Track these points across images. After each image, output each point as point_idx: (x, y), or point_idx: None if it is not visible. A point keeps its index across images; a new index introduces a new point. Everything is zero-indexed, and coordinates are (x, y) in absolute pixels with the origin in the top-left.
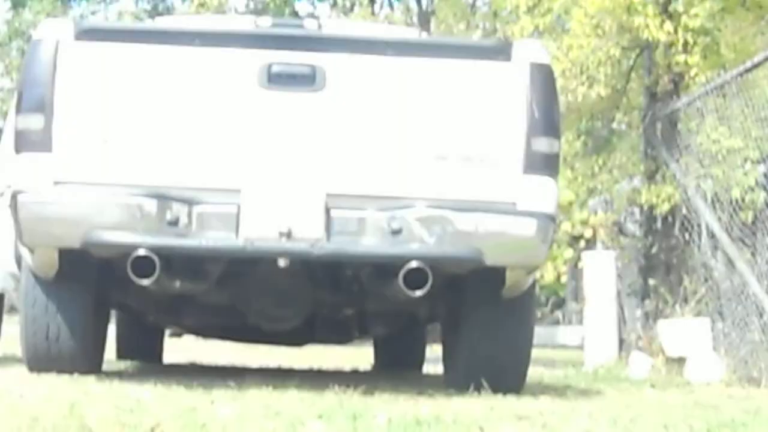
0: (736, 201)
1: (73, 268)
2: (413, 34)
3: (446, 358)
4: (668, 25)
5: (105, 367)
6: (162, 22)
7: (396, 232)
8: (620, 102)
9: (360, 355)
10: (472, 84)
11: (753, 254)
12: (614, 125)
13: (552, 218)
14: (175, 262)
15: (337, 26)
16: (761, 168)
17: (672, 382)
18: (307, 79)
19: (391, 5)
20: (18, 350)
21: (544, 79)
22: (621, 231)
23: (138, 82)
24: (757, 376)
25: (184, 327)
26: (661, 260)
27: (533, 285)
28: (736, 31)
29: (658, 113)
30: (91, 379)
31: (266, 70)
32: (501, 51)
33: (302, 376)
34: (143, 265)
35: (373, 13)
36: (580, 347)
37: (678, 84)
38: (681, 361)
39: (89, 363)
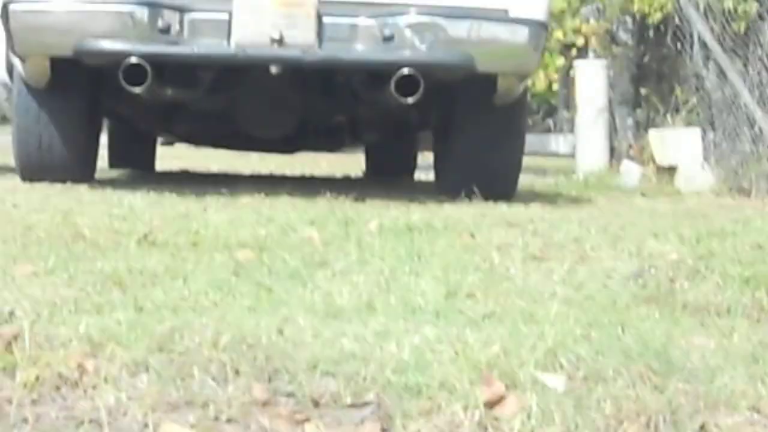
0: (729, 11)
1: (65, 76)
2: None
3: (438, 166)
4: None
5: (97, 175)
6: None
7: (388, 39)
8: None
9: (351, 163)
10: None
11: (745, 65)
12: None
13: (544, 25)
14: (167, 69)
15: None
16: None
17: (662, 191)
18: None
19: None
20: (11, 160)
21: None
22: (613, 39)
23: None
24: (747, 187)
25: (176, 135)
26: (653, 69)
27: (524, 92)
28: None
29: None
30: (83, 188)
31: None
32: None
33: (294, 183)
34: (135, 73)
35: None
36: (572, 155)
37: None
38: (672, 170)
39: (82, 171)
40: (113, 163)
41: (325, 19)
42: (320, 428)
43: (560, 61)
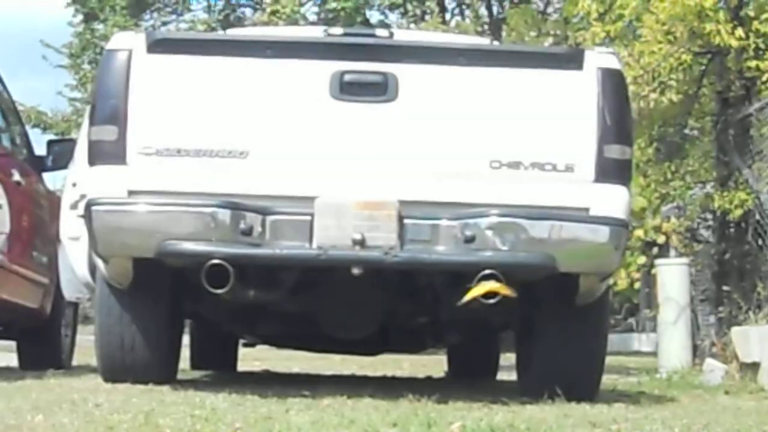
0: None
1: (147, 277)
2: (484, 42)
3: (520, 366)
4: (739, 31)
5: (179, 376)
6: (233, 33)
7: (469, 240)
8: (692, 108)
9: (434, 363)
10: (544, 92)
11: None
12: (686, 131)
13: (625, 224)
14: (250, 271)
15: (408, 35)
16: None
17: (746, 389)
18: (380, 88)
19: (462, 14)
20: (93, 360)
21: (616, 85)
22: (694, 237)
23: (210, 93)
24: None
25: (257, 336)
26: (735, 266)
27: (606, 292)
28: None
29: (730, 119)
30: (165, 389)
31: (338, 79)
32: (572, 59)
33: (376, 384)
34: (217, 275)
35: (443, 22)
36: (654, 354)
37: (750, 89)
38: (755, 367)
39: (164, 372)
40: (195, 364)
41: (407, 221)
42: None
43: (642, 259)
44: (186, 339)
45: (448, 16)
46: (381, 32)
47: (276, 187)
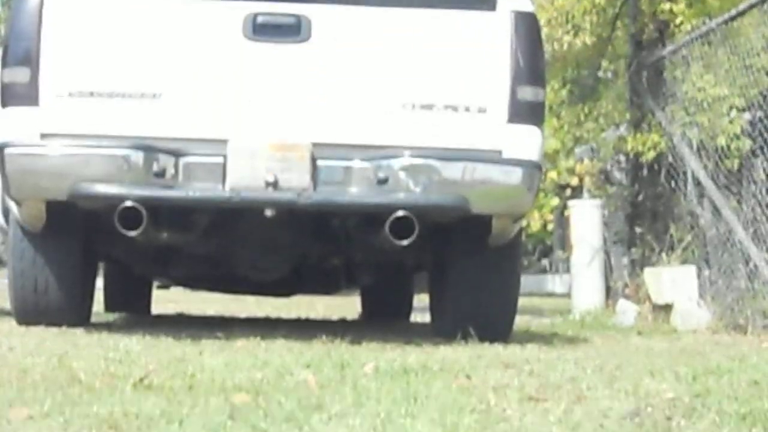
0: (722, 149)
1: (60, 220)
2: None
3: (433, 307)
4: None
5: (93, 319)
6: None
7: (382, 182)
8: (605, 50)
9: (348, 305)
10: (457, 33)
11: (739, 202)
12: (600, 74)
13: (538, 166)
14: (162, 213)
15: None
16: (746, 116)
17: (658, 330)
18: (293, 29)
19: None
20: (7, 303)
21: (529, 27)
22: (607, 179)
23: (123, 35)
24: (743, 324)
25: (171, 278)
26: (648, 208)
27: (519, 233)
28: None
29: (643, 61)
30: (79, 331)
31: (251, 20)
32: (486, 0)
33: (290, 326)
34: (130, 217)
35: None
36: (567, 295)
37: (663, 32)
38: (667, 308)
39: (78, 315)
40: (109, 306)
41: (320, 163)
42: None
43: (555, 201)
44: (100, 281)
45: None
46: None
47: (189, 129)
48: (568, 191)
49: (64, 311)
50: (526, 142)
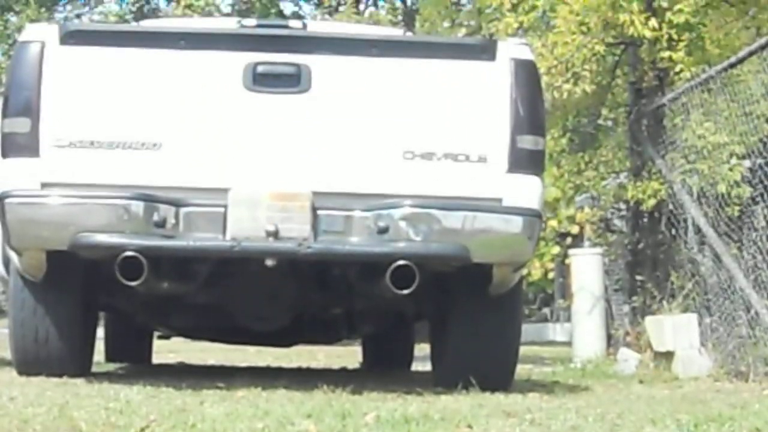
0: (722, 196)
1: (61, 270)
2: (397, 33)
3: (434, 356)
4: (653, 22)
5: (94, 369)
6: (147, 25)
7: (383, 231)
8: (605, 99)
9: (349, 354)
10: (457, 83)
11: (739, 249)
12: (600, 122)
13: (538, 215)
14: (163, 263)
15: (322, 26)
16: (747, 163)
17: (660, 378)
18: (293, 80)
19: (375, 4)
20: (8, 353)
21: (529, 76)
22: (608, 227)
23: (124, 85)
24: (745, 371)
25: (172, 328)
26: (648, 256)
27: (520, 282)
28: (720, 26)
29: (643, 109)
30: (80, 381)
31: (252, 70)
32: (485, 50)
33: (291, 375)
34: (131, 267)
35: (358, 12)
36: (568, 344)
37: (663, 80)
38: (669, 356)
39: (78, 365)
40: (110, 356)
41: (320, 212)
42: None
43: (555, 249)
44: (100, 331)
45: (362, 6)
46: (294, 23)
47: (189, 179)
48: (569, 240)
49: (64, 361)
50: (527, 190)
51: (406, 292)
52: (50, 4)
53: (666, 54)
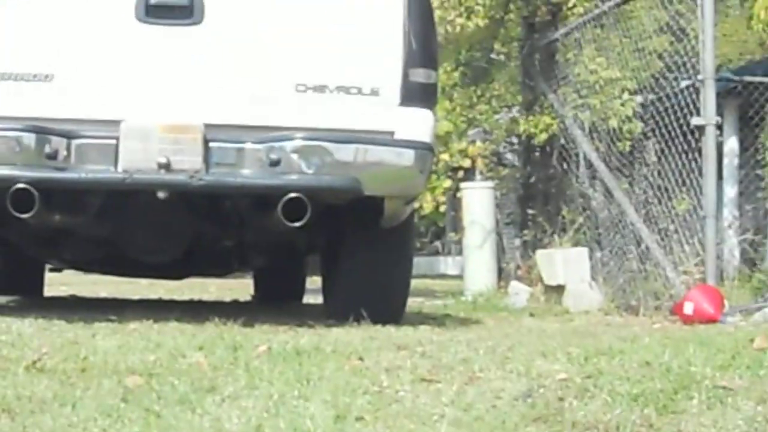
0: (614, 131)
1: None
2: None
3: (326, 289)
4: None
5: None
6: None
7: (274, 163)
8: (498, 33)
9: (241, 287)
10: (350, 16)
11: (630, 184)
12: (493, 56)
13: (430, 148)
14: (55, 195)
15: None
16: (638, 98)
17: (551, 311)
18: (185, 12)
19: None
20: None
21: (422, 9)
22: (499, 161)
23: (15, 16)
24: (635, 305)
25: (64, 261)
26: (540, 190)
27: (412, 215)
28: None
29: (536, 44)
30: None
31: (144, 2)
32: None
33: (183, 308)
34: (22, 199)
35: None
36: (460, 277)
37: (556, 15)
38: (560, 290)
39: None
40: (1, 289)
41: (212, 145)
42: None
43: (447, 183)
44: None
45: None
46: None
47: (81, 111)
48: (461, 173)
49: None
50: (418, 123)
51: (297, 224)
52: None
53: None
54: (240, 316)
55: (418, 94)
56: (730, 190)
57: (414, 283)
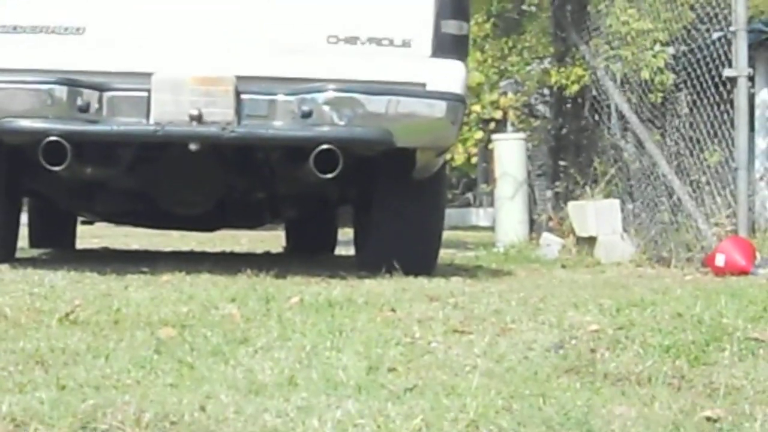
0: (645, 82)
1: None
2: None
3: (358, 241)
4: None
5: (18, 255)
6: None
7: (306, 115)
8: None
9: (272, 239)
10: None
11: (662, 135)
12: (524, 7)
13: (461, 99)
14: (87, 147)
15: None
16: (670, 50)
17: (582, 263)
18: None
19: None
20: None
21: None
22: (531, 113)
23: None
24: (667, 256)
25: (96, 214)
26: (571, 141)
27: (443, 167)
28: None
29: None
30: (4, 267)
31: None
32: None
33: (215, 260)
34: (55, 152)
35: None
36: (492, 229)
37: None
38: (591, 241)
39: (2, 251)
40: (34, 242)
41: (244, 97)
42: None
43: (479, 134)
44: (24, 217)
45: None
46: None
47: (113, 63)
48: (492, 125)
49: None
50: (450, 75)
51: (329, 176)
52: None
53: None
54: (272, 267)
55: (449, 46)
56: (762, 142)
57: (446, 234)
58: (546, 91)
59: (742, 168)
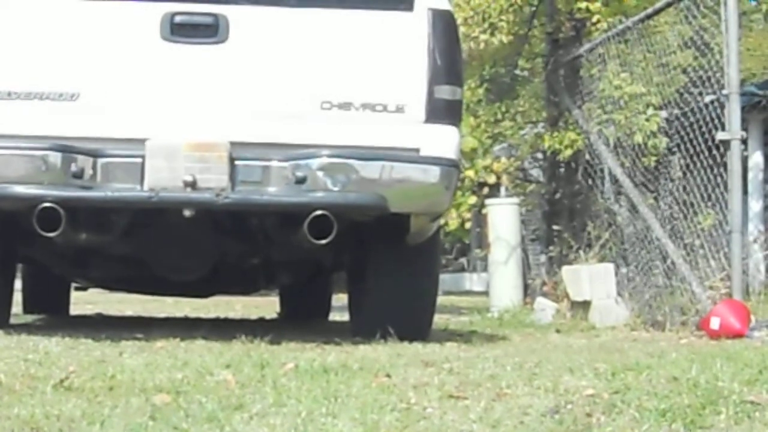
0: (639, 146)
1: None
2: None
3: (352, 306)
4: None
5: (12, 320)
6: None
7: (300, 181)
8: (522, 49)
9: (267, 305)
10: (375, 33)
11: (656, 199)
12: (517, 72)
13: (455, 164)
14: (81, 214)
15: None
16: (663, 113)
17: (577, 327)
18: (210, 30)
19: None
20: None
21: (446, 26)
22: (525, 177)
23: (41, 35)
24: (661, 320)
25: (90, 279)
26: (565, 206)
27: (437, 232)
28: None
29: (560, 60)
30: None
31: (169, 20)
32: (403, 0)
33: (209, 326)
34: (49, 218)
35: None
36: (485, 293)
37: (580, 30)
38: (586, 305)
39: None
40: (28, 308)
41: (238, 163)
42: None
43: (472, 199)
44: (18, 283)
45: None
46: None
47: (107, 130)
48: (486, 189)
49: None
50: (444, 140)
51: (323, 242)
52: None
53: (583, 4)
54: (267, 333)
55: (443, 111)
56: (755, 205)
57: (440, 299)
58: (539, 156)
59: (735, 231)
